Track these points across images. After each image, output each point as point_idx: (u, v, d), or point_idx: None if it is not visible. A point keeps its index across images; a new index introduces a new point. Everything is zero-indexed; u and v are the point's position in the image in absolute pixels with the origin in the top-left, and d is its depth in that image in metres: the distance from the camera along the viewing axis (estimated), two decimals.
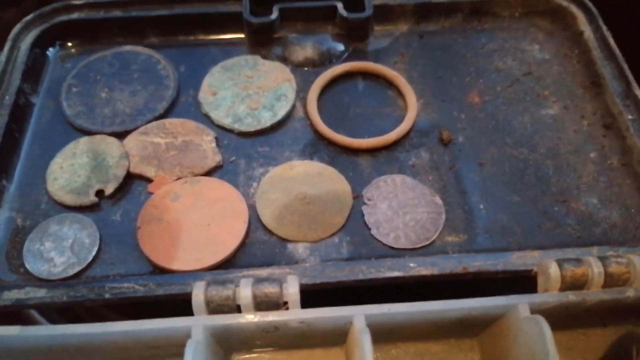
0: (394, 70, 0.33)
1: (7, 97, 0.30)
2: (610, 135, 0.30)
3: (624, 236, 0.27)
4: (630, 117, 0.30)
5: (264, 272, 0.24)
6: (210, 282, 0.22)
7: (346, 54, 0.34)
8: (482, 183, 0.29)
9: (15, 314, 0.30)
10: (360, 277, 0.24)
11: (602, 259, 0.24)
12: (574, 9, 0.34)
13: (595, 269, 0.23)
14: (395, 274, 0.24)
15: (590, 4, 0.34)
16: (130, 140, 0.29)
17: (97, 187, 0.28)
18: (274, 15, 0.33)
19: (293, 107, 0.31)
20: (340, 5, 0.33)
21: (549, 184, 0.29)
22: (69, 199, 0.27)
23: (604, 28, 0.33)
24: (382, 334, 0.23)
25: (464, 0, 0.35)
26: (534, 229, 0.27)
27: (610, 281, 0.23)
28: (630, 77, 0.31)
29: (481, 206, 0.28)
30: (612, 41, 0.32)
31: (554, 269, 0.23)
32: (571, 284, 0.23)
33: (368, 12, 0.33)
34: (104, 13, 0.33)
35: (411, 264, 0.24)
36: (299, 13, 0.33)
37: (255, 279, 0.22)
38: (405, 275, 0.24)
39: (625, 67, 0.31)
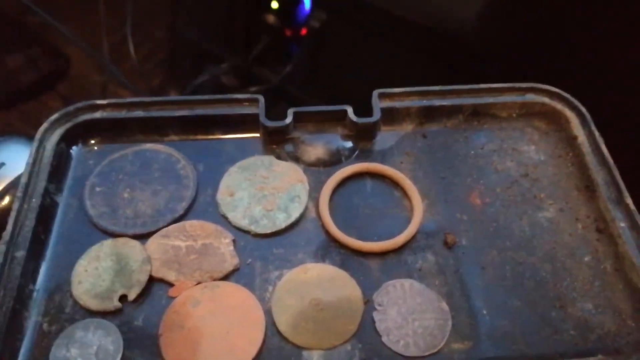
0: (400, 170, 0.35)
1: (34, 199, 0.31)
2: (603, 239, 0.32)
3: (618, 342, 0.29)
4: (622, 224, 0.32)
5: None
6: None
7: (355, 154, 0.36)
8: (485, 287, 0.31)
9: None
10: None
11: None
12: (568, 112, 0.37)
13: None
14: None
15: (583, 109, 0.36)
16: (152, 244, 0.31)
17: (120, 292, 0.29)
18: (289, 119, 0.35)
19: (306, 208, 0.33)
20: (350, 110, 0.35)
21: (547, 288, 0.31)
22: (93, 304, 0.29)
23: (597, 134, 0.35)
24: None
25: (465, 103, 0.37)
26: (534, 335, 0.29)
27: None
28: (622, 185, 0.33)
29: (484, 311, 0.30)
30: (604, 147, 0.35)
31: None
32: None
33: (376, 116, 0.35)
34: (126, 112, 0.35)
35: None
36: (311, 116, 0.36)
37: None
38: None
39: (617, 174, 0.33)
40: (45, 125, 0.34)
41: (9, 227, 0.30)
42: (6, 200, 0.41)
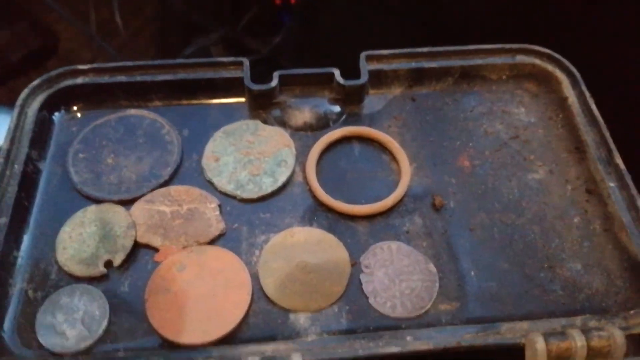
0: (388, 134, 0.34)
1: (16, 166, 0.31)
2: (592, 200, 0.32)
3: (605, 302, 0.29)
4: (611, 184, 0.32)
5: (268, 347, 0.26)
6: None
7: (342, 117, 0.35)
8: (473, 249, 0.30)
9: None
10: (360, 353, 0.25)
11: (585, 332, 0.26)
12: (558, 73, 0.36)
13: (578, 342, 0.25)
14: (393, 349, 0.25)
15: (574, 70, 0.36)
16: (137, 209, 0.31)
17: (105, 257, 0.29)
18: (274, 82, 0.34)
19: (293, 172, 0.33)
20: (337, 73, 0.35)
21: (535, 249, 0.30)
22: (78, 270, 0.29)
23: (587, 94, 0.35)
24: None
25: (455, 64, 0.36)
26: (522, 295, 0.29)
27: (593, 354, 0.25)
28: (612, 145, 0.33)
29: (472, 273, 0.30)
30: (594, 107, 0.34)
31: (540, 344, 0.25)
32: (556, 357, 0.25)
33: (363, 79, 0.35)
34: (109, 78, 0.35)
35: (408, 338, 0.26)
36: (298, 79, 0.35)
37: (262, 358, 0.24)
38: (403, 350, 0.25)
39: (607, 134, 0.33)
40: (26, 91, 0.33)
41: None
42: None
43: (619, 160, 0.32)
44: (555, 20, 0.44)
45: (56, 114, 0.34)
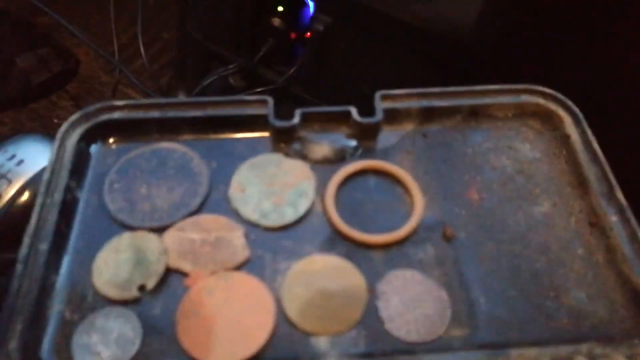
0: (401, 167, 0.37)
1: (56, 195, 0.33)
2: (595, 233, 0.34)
3: (610, 330, 0.30)
4: (613, 218, 0.34)
5: None
6: None
7: (358, 152, 0.38)
8: (482, 278, 0.32)
9: None
10: None
11: (591, 358, 0.27)
12: (561, 112, 0.39)
13: None
14: None
15: (576, 109, 0.38)
16: (168, 236, 0.33)
17: (139, 282, 0.31)
18: (296, 119, 0.37)
19: (313, 203, 0.35)
20: (354, 111, 0.37)
21: (542, 279, 0.32)
22: (113, 293, 0.31)
23: (589, 132, 0.37)
24: None
25: (464, 103, 0.39)
26: (529, 322, 0.31)
27: None
28: (613, 181, 0.35)
29: (482, 300, 0.31)
30: (596, 145, 0.36)
31: None
32: None
33: (378, 117, 0.37)
34: (143, 113, 0.37)
35: None
36: (317, 116, 0.37)
37: None
38: None
39: (609, 170, 0.35)
40: (65, 125, 0.36)
41: (33, 220, 0.32)
42: (25, 195, 0.43)
43: (620, 195, 0.34)
44: (559, 60, 0.47)
45: (93, 146, 0.37)
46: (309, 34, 0.70)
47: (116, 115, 0.37)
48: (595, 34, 0.45)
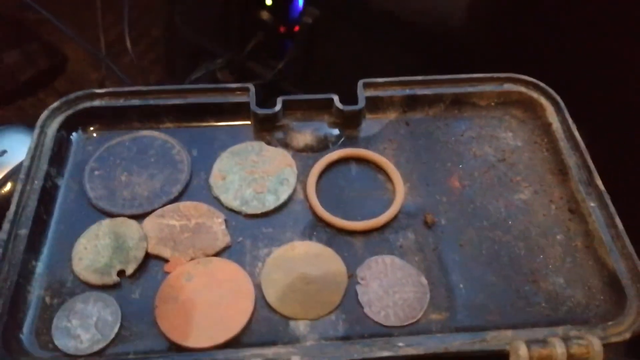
0: (383, 156, 0.37)
1: (36, 182, 0.33)
2: (574, 219, 0.34)
3: (587, 314, 0.31)
4: (592, 204, 0.34)
5: (270, 351, 0.28)
6: None
7: (341, 140, 0.38)
8: (462, 263, 0.32)
9: None
10: (355, 357, 0.27)
11: (566, 339, 0.27)
12: (543, 100, 0.39)
13: (559, 349, 0.27)
14: (385, 353, 0.27)
15: (557, 97, 0.38)
16: (148, 223, 0.33)
17: (118, 267, 0.31)
18: (278, 107, 0.37)
19: (294, 190, 0.35)
20: (336, 99, 0.37)
21: (521, 264, 0.32)
22: (93, 279, 0.31)
23: (570, 120, 0.37)
24: None
25: (446, 92, 0.39)
26: (508, 307, 0.31)
27: None
28: (592, 167, 0.35)
29: (461, 285, 0.32)
30: (577, 133, 0.37)
31: (523, 350, 0.27)
32: None
33: (361, 104, 0.37)
34: (124, 101, 0.37)
35: (399, 344, 0.28)
36: (300, 104, 0.37)
37: None
38: (394, 354, 0.27)
39: (588, 157, 0.35)
40: (46, 112, 0.36)
41: (13, 206, 0.32)
42: (8, 186, 0.43)
43: (599, 182, 0.34)
44: (540, 50, 0.47)
45: (74, 134, 0.37)
46: (297, 27, 0.70)
47: (97, 103, 0.37)
48: (579, 25, 0.45)
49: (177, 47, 0.88)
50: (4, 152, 0.44)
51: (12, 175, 0.44)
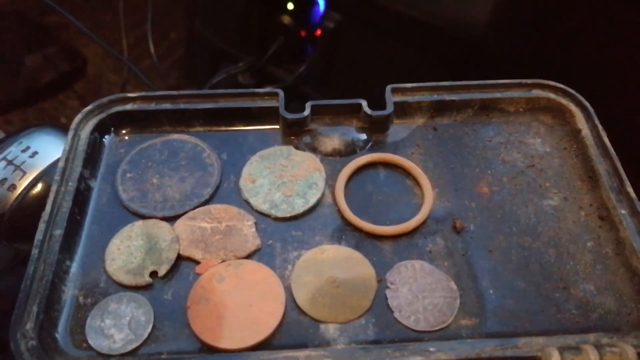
0: (411, 160, 0.37)
1: (70, 183, 0.34)
2: (605, 226, 0.34)
3: (618, 321, 0.30)
4: (623, 211, 0.34)
5: (300, 354, 0.28)
6: None
7: (369, 145, 0.38)
8: (492, 269, 0.32)
9: None
10: None
11: (598, 347, 0.27)
12: (572, 107, 0.39)
13: (592, 356, 0.27)
14: (417, 358, 0.27)
15: (587, 103, 0.38)
16: (180, 225, 0.33)
17: (151, 268, 0.31)
18: (307, 112, 0.37)
19: (323, 194, 0.35)
20: (364, 103, 0.37)
21: (551, 271, 0.32)
22: (126, 279, 0.31)
23: (600, 127, 0.37)
24: None
25: (474, 97, 0.39)
26: (538, 313, 0.31)
27: None
28: (623, 175, 0.35)
29: (491, 291, 0.31)
30: (607, 139, 0.36)
31: (555, 357, 0.27)
32: None
33: (389, 110, 0.37)
34: (155, 105, 0.38)
35: (431, 349, 0.28)
36: (328, 109, 0.38)
37: None
38: (426, 359, 0.27)
39: (619, 164, 0.35)
40: (79, 116, 0.37)
41: (48, 207, 0.32)
42: (39, 186, 0.44)
43: (629, 189, 0.34)
44: (569, 55, 0.47)
45: (106, 137, 0.38)
46: (319, 31, 0.70)
47: (129, 106, 0.38)
48: (608, 30, 0.45)
49: (198, 51, 0.89)
50: (36, 153, 0.45)
51: (42, 176, 0.44)
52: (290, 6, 0.72)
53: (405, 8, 0.61)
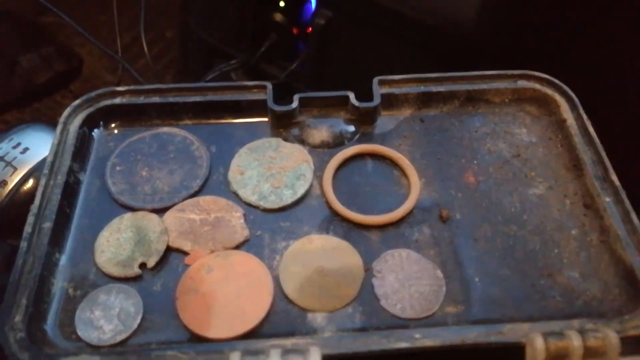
0: (399, 151, 0.37)
1: (59, 177, 0.34)
2: (590, 214, 0.34)
3: (602, 308, 0.31)
4: (607, 199, 0.34)
5: (288, 342, 0.28)
6: (243, 352, 0.26)
7: (357, 136, 0.38)
8: (477, 257, 0.33)
9: None
10: (373, 348, 0.27)
11: (582, 332, 0.28)
12: (557, 97, 0.39)
13: (575, 342, 0.27)
14: (403, 344, 0.28)
15: (572, 93, 0.39)
16: (169, 217, 0.33)
17: (140, 260, 0.32)
18: (295, 104, 0.37)
19: (311, 185, 0.35)
20: (352, 96, 0.38)
21: (536, 258, 0.33)
22: (115, 271, 0.31)
23: (585, 117, 0.37)
24: None
25: (461, 89, 0.39)
26: (523, 300, 0.31)
27: (589, 353, 0.27)
28: (608, 163, 0.35)
29: (476, 279, 0.32)
30: (591, 129, 0.37)
31: (539, 342, 0.27)
32: (555, 356, 0.27)
33: (376, 101, 0.38)
34: (144, 98, 0.38)
35: (416, 336, 0.28)
36: (316, 101, 0.38)
37: (283, 350, 0.26)
38: (412, 346, 0.28)
39: (603, 153, 0.36)
40: (68, 110, 0.37)
41: (37, 200, 0.33)
42: (30, 182, 0.44)
43: (614, 177, 0.34)
44: (554, 45, 0.47)
45: (95, 130, 0.38)
46: (310, 29, 0.71)
47: (117, 100, 0.38)
48: (592, 24, 0.45)
49: (191, 49, 0.89)
50: (27, 149, 0.46)
51: (34, 172, 0.45)
52: (282, 4, 0.72)
53: (396, 5, 0.61)
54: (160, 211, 0.34)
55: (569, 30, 0.46)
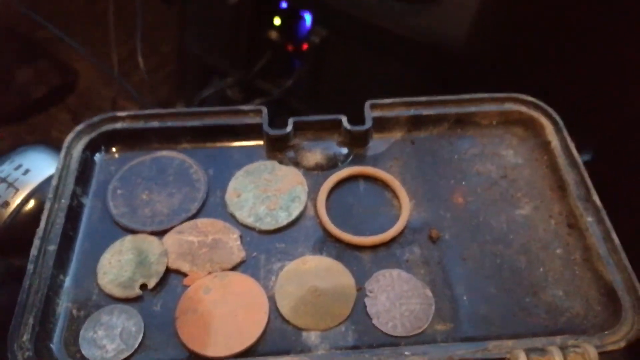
0: (390, 173, 0.39)
1: (63, 201, 0.35)
2: (573, 233, 0.36)
3: (585, 324, 0.32)
4: (589, 219, 0.35)
5: (283, 359, 0.29)
6: None
7: (349, 159, 0.40)
8: (466, 276, 0.34)
9: None
10: None
11: (563, 348, 0.29)
12: (543, 119, 0.41)
13: (556, 357, 0.29)
14: None
15: (557, 116, 0.40)
16: (168, 239, 0.35)
17: (141, 281, 0.33)
18: (289, 128, 0.39)
19: (305, 207, 0.37)
20: (344, 119, 0.39)
21: (522, 277, 0.34)
22: (116, 292, 0.32)
23: (568, 139, 0.39)
24: None
25: (450, 112, 0.41)
26: (509, 317, 0.32)
27: None
28: (589, 184, 0.36)
29: (465, 297, 0.33)
30: (575, 150, 0.38)
31: (522, 358, 0.28)
32: None
33: (368, 125, 0.39)
34: (144, 123, 0.39)
35: (406, 353, 0.30)
36: (310, 125, 0.39)
37: None
38: None
39: (586, 174, 0.37)
40: (71, 135, 0.38)
41: (42, 224, 0.34)
42: (32, 203, 0.45)
43: (595, 198, 0.36)
44: (541, 68, 0.49)
45: (97, 155, 0.39)
46: (305, 46, 0.72)
47: (118, 125, 0.39)
48: (579, 43, 0.47)
49: (187, 66, 0.91)
50: (28, 170, 0.47)
51: (34, 193, 0.46)
52: (277, 21, 0.74)
53: (389, 24, 0.63)
54: (160, 233, 0.35)
55: (558, 51, 0.48)
